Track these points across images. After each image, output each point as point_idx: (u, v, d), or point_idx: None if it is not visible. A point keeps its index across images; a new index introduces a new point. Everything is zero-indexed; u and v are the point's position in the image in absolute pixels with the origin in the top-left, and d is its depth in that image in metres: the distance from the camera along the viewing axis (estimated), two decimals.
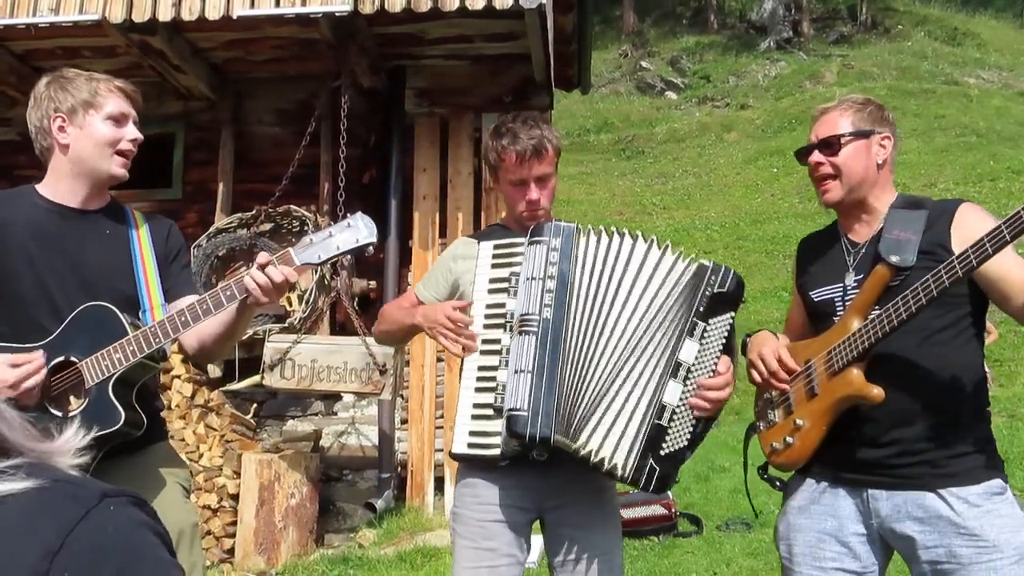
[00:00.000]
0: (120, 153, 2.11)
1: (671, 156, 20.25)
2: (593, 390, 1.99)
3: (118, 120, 2.10)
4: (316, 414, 6.03)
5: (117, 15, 5.31)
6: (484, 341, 2.09)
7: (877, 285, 1.91)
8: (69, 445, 0.84)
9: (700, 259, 2.07)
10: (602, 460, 1.97)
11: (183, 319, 1.99)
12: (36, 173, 2.18)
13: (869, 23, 26.54)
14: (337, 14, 5.24)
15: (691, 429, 2.01)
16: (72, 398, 1.99)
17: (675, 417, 1.99)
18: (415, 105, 6.18)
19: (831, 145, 2.03)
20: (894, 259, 1.89)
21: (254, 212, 6.06)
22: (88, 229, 2.11)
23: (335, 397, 5.96)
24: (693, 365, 2.01)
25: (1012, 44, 25.21)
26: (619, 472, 1.97)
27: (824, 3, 27.79)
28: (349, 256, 2.04)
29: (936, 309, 1.84)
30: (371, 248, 2.04)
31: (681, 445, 1.99)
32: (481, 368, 2.08)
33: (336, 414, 6.04)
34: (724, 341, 2.04)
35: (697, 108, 23.07)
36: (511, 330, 2.05)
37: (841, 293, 2.02)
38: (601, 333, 2.02)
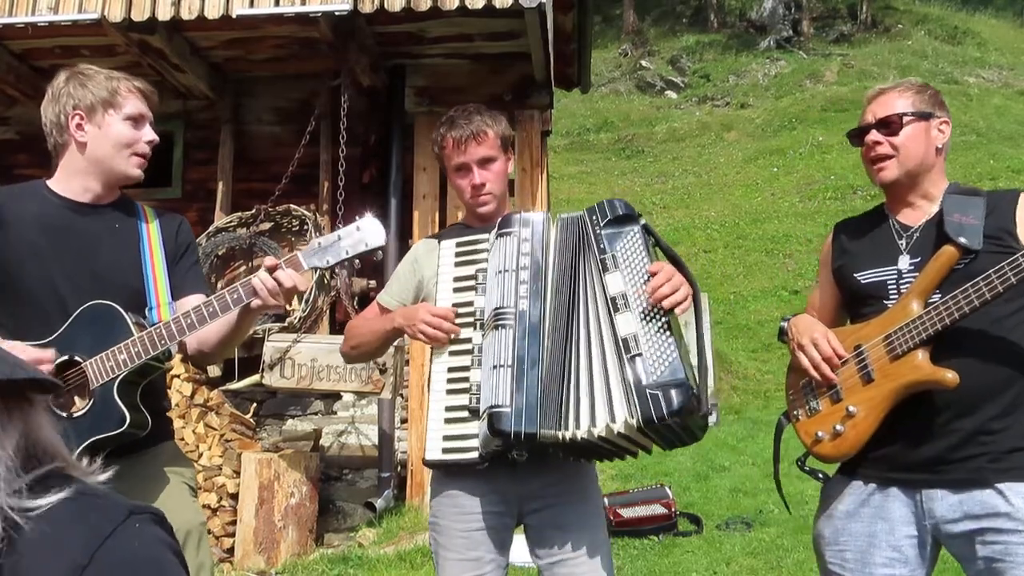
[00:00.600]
0: (137, 154, 2.10)
1: (671, 155, 20.25)
2: (567, 372, 1.90)
3: (136, 121, 2.09)
4: (316, 413, 6.03)
5: (116, 14, 5.31)
6: (452, 342, 2.04)
7: (944, 266, 1.84)
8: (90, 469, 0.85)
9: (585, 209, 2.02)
10: (607, 428, 1.83)
11: (189, 321, 1.97)
12: (36, 172, 2.18)
13: (869, 22, 26.53)
14: (337, 13, 5.24)
15: (667, 337, 1.84)
16: (77, 398, 1.97)
17: (644, 340, 1.84)
18: (415, 104, 6.17)
19: (890, 124, 1.97)
20: (963, 241, 1.82)
21: (254, 211, 6.06)
22: (98, 224, 2.10)
23: (335, 396, 5.95)
24: (628, 291, 1.89)
25: (1012, 43, 25.20)
26: (632, 422, 1.80)
27: (824, 2, 27.76)
28: (357, 260, 2.03)
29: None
30: (380, 252, 2.03)
31: (671, 358, 1.82)
32: (451, 370, 2.03)
33: (336, 413, 6.04)
34: (644, 251, 1.94)
35: (697, 107, 23.06)
36: (482, 327, 2.00)
37: (895, 276, 1.94)
38: (559, 316, 1.95)
